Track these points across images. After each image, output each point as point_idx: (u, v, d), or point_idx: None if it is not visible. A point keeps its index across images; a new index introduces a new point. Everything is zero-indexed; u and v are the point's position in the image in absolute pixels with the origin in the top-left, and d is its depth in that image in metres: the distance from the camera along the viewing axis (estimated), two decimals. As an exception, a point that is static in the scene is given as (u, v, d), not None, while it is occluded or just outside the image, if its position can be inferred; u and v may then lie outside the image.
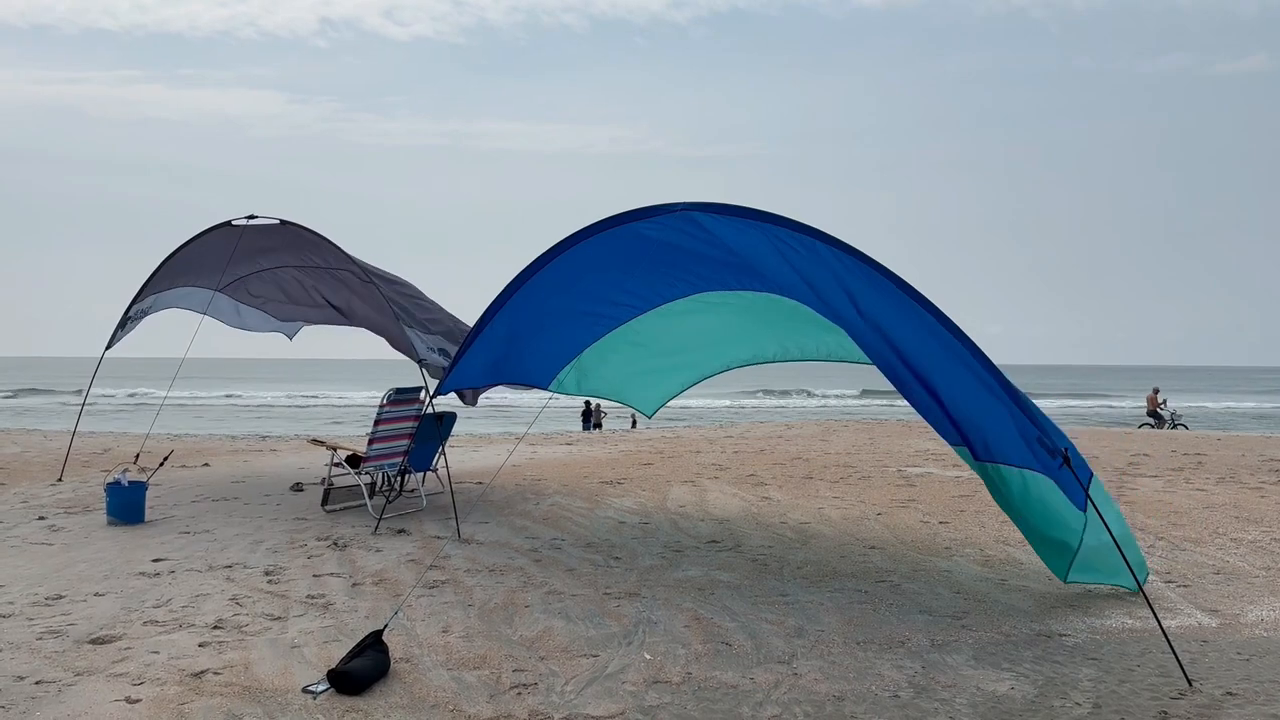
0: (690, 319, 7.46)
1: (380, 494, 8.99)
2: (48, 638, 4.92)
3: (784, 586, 6.21)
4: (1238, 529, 8.15)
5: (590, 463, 12.80)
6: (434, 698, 4.24)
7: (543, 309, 6.78)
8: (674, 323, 7.48)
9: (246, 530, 7.80)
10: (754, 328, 7.65)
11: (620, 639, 5.08)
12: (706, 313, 7.37)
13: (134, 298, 10.31)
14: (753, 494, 10.09)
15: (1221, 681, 4.52)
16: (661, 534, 7.88)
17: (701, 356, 8.41)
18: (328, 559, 6.81)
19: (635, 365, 8.15)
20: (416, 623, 5.29)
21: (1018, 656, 4.87)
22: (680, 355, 8.30)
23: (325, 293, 10.71)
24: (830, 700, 4.27)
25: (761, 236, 5.56)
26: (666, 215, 5.75)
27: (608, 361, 7.82)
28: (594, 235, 6.05)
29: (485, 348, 6.87)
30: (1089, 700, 4.28)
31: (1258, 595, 6.08)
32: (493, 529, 7.94)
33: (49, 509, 8.66)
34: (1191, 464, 12.88)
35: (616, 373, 8.14)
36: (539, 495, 9.77)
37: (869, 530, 8.13)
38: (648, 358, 8.03)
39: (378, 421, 8.50)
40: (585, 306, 7.15)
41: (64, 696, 4.15)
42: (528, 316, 6.78)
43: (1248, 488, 10.54)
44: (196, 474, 11.25)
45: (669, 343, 7.86)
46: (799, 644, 5.04)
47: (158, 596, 5.76)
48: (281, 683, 4.36)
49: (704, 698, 4.29)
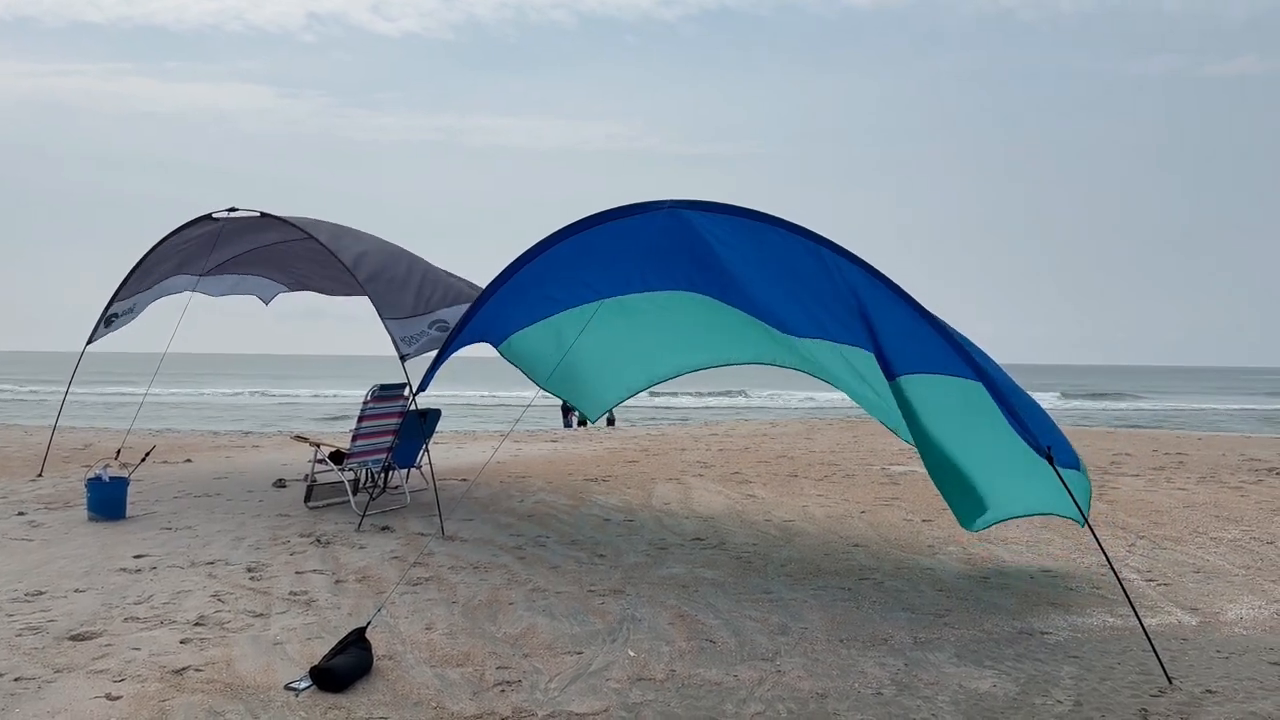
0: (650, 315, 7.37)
1: (364, 491, 8.95)
2: (27, 634, 4.88)
3: (768, 584, 6.22)
4: (1218, 528, 8.22)
5: (575, 460, 12.78)
6: (417, 695, 4.23)
7: (518, 300, 6.76)
8: (634, 317, 7.37)
9: (229, 527, 7.76)
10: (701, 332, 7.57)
11: (604, 636, 5.08)
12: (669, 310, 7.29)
13: (115, 293, 10.22)
14: (737, 492, 10.10)
15: (1201, 679, 4.55)
16: (646, 531, 7.88)
17: (654, 358, 8.27)
18: (310, 556, 6.78)
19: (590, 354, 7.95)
20: (400, 620, 5.27)
21: (999, 654, 4.90)
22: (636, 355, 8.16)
23: (305, 272, 10.73)
24: (813, 697, 4.28)
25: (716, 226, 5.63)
26: (653, 213, 5.76)
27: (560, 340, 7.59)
28: (581, 232, 6.06)
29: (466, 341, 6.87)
30: (1070, 698, 4.31)
31: (1237, 594, 6.13)
32: (477, 526, 7.92)
33: (29, 504, 8.58)
34: (1173, 463, 12.97)
35: (570, 358, 7.89)
36: (523, 492, 9.76)
37: (853, 528, 8.15)
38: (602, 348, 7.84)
39: (361, 418, 8.46)
40: (552, 292, 7.03)
41: (44, 693, 4.12)
42: (505, 309, 6.78)
43: (1228, 487, 10.62)
44: (178, 470, 11.18)
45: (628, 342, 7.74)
46: (783, 641, 5.05)
47: (139, 593, 5.72)
48: (263, 680, 4.34)
49: (688, 695, 4.30)
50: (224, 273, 10.88)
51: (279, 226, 9.29)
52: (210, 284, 10.96)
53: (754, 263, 5.91)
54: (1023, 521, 8.40)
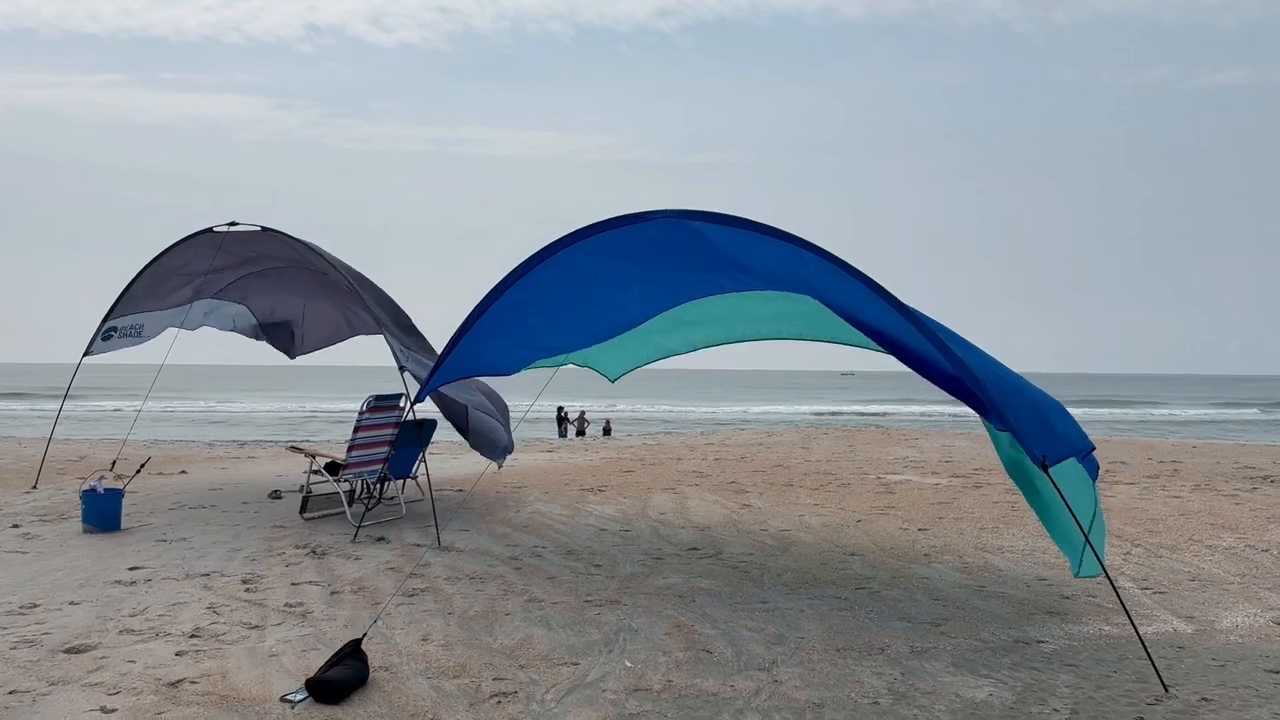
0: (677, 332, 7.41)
1: (359, 501, 8.94)
2: (22, 647, 4.86)
3: (764, 594, 6.22)
4: (1213, 536, 8.23)
5: (571, 470, 12.78)
6: (413, 706, 4.22)
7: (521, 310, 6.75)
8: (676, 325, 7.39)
9: (224, 538, 7.74)
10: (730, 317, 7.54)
11: (601, 647, 5.07)
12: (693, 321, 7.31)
13: (113, 306, 10.22)
14: (733, 501, 10.10)
15: (1197, 687, 4.56)
16: (642, 541, 7.88)
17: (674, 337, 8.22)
18: (306, 567, 6.77)
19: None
20: (396, 631, 5.26)
21: (996, 663, 4.90)
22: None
23: (306, 296, 10.75)
24: (810, 707, 4.28)
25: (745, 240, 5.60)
26: (652, 222, 5.75)
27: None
28: (577, 242, 6.04)
29: (465, 351, 6.84)
30: (1066, 706, 4.31)
31: (1233, 602, 6.14)
32: (473, 536, 7.91)
33: (23, 516, 8.56)
34: (1168, 471, 13.00)
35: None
36: (519, 503, 9.75)
37: (849, 537, 8.15)
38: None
39: (357, 428, 8.46)
40: (559, 315, 7.04)
41: (38, 706, 4.10)
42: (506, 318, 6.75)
43: (1223, 495, 10.65)
44: (173, 481, 11.15)
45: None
46: (779, 651, 5.05)
47: (134, 605, 5.70)
48: (259, 692, 4.33)
49: (685, 705, 4.29)
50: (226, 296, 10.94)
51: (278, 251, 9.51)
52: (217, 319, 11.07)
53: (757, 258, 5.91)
54: (1019, 530, 8.41)
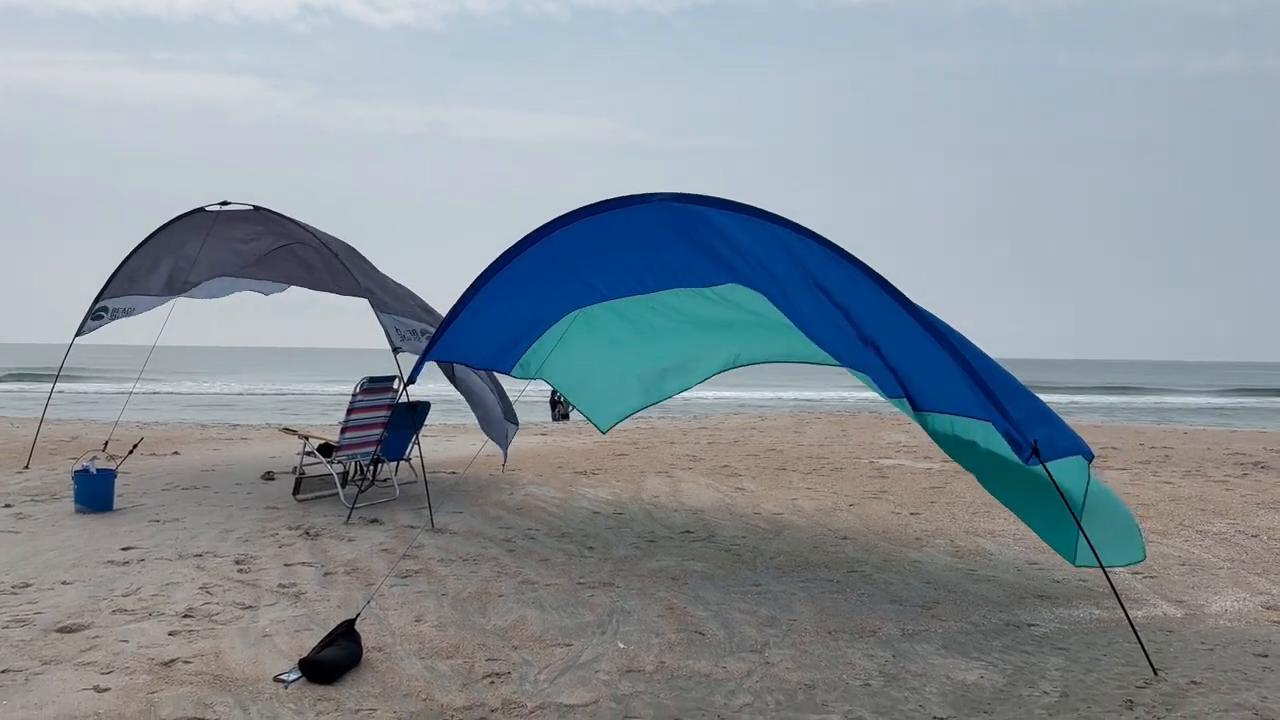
0: (656, 318, 7.39)
1: (353, 483, 8.93)
2: (14, 626, 4.86)
3: (757, 576, 6.24)
4: (1203, 521, 8.27)
5: (564, 453, 12.79)
6: (406, 687, 4.23)
7: (517, 292, 6.75)
8: (642, 319, 7.39)
9: (217, 519, 7.73)
10: (715, 334, 7.58)
11: (594, 628, 5.09)
12: (673, 312, 7.30)
13: (105, 285, 10.18)
14: (727, 485, 10.12)
15: (1186, 671, 4.59)
16: (636, 524, 7.89)
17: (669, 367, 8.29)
18: (299, 548, 6.77)
19: (599, 365, 8.01)
20: (389, 612, 5.27)
21: (986, 646, 4.92)
22: (649, 362, 8.17)
23: (299, 270, 10.71)
24: (802, 688, 4.30)
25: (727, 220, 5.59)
26: (643, 205, 5.74)
27: (570, 349, 7.66)
28: (571, 223, 6.03)
29: (460, 329, 6.84)
30: (1056, 689, 4.34)
31: (1222, 586, 6.18)
32: (466, 519, 7.92)
33: (15, 497, 8.54)
34: (1159, 457, 13.05)
35: (579, 364, 7.95)
36: (513, 485, 9.76)
37: (841, 521, 8.18)
38: (613, 358, 7.90)
39: (350, 410, 8.44)
40: (555, 288, 7.07)
41: (31, 685, 4.11)
42: (504, 299, 6.75)
43: (1213, 481, 10.70)
44: (166, 462, 11.13)
45: (640, 346, 7.76)
46: (771, 633, 5.07)
47: (127, 585, 5.70)
48: (252, 672, 4.33)
49: (677, 686, 4.31)
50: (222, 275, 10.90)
51: (271, 230, 9.44)
52: (214, 286, 10.99)
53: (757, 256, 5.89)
54: (1010, 515, 8.44)
